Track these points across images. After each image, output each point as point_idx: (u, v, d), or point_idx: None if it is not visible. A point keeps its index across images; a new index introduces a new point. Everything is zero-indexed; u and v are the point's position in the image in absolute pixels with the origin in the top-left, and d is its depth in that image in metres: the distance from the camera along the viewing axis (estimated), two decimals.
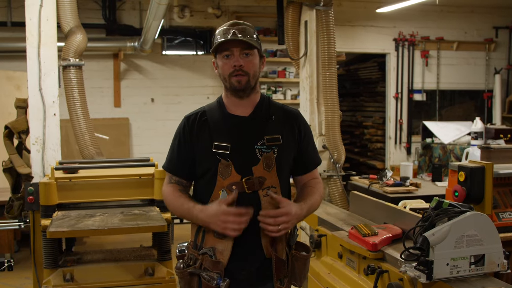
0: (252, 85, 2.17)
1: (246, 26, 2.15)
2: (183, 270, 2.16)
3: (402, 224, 2.69)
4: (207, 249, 2.13)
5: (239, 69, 2.10)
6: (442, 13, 8.66)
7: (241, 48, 2.10)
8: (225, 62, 2.12)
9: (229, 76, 2.12)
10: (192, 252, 2.19)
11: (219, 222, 2.04)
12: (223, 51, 2.12)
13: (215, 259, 2.12)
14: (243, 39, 2.09)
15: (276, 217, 2.05)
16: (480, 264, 2.13)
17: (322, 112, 4.72)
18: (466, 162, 3.31)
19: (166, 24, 7.74)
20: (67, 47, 4.82)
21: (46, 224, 3.28)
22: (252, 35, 2.13)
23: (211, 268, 2.11)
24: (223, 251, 2.12)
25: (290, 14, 4.81)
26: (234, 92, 2.16)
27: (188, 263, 2.19)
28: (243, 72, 2.11)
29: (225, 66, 2.13)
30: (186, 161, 2.21)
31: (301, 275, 2.28)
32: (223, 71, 2.14)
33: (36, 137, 4.26)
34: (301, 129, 2.28)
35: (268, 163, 2.14)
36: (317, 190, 2.30)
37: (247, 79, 2.13)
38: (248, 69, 2.12)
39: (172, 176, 2.26)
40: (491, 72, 8.98)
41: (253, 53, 2.14)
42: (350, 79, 10.29)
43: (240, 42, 2.10)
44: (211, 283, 2.08)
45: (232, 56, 2.11)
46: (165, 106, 7.92)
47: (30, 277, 4.41)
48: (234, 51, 2.10)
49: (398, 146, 8.69)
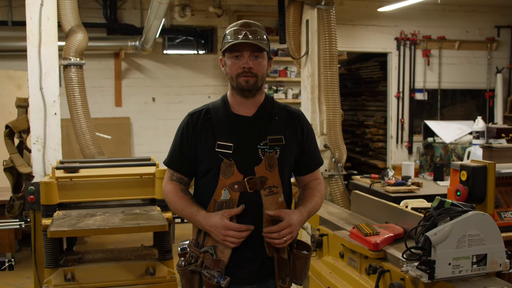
0: (259, 86, 2.18)
1: (257, 28, 2.15)
2: (184, 268, 2.18)
3: (404, 224, 2.68)
4: (208, 247, 2.14)
5: (248, 70, 2.10)
6: (443, 12, 8.65)
7: (252, 50, 2.11)
8: (234, 62, 2.12)
9: (236, 76, 2.12)
10: (193, 250, 2.20)
11: (220, 234, 2.08)
12: (233, 51, 2.12)
13: (216, 257, 2.13)
14: (255, 43, 2.09)
15: (280, 231, 2.08)
16: (482, 264, 2.12)
17: (324, 112, 4.71)
18: (468, 161, 3.31)
19: (167, 23, 7.74)
20: (67, 46, 4.81)
21: (47, 223, 3.28)
22: (263, 37, 2.14)
23: (212, 266, 2.12)
24: (224, 249, 2.13)
25: (291, 13, 4.79)
26: (241, 91, 2.16)
27: (189, 261, 2.20)
28: (251, 74, 2.11)
29: (233, 66, 2.13)
30: (188, 158, 2.21)
31: (302, 273, 2.29)
32: (231, 70, 2.14)
33: (37, 137, 4.26)
34: (304, 130, 2.28)
35: (270, 163, 2.15)
36: (318, 191, 2.32)
37: (255, 80, 2.13)
38: (257, 71, 2.13)
39: (174, 172, 2.26)
40: (492, 71, 8.96)
41: (262, 55, 2.14)
42: (351, 79, 10.28)
43: (251, 45, 2.10)
44: (211, 281, 2.09)
45: (242, 57, 2.11)
46: (166, 106, 7.92)
47: (31, 277, 4.41)
48: (244, 53, 2.10)
49: (400, 146, 8.68)
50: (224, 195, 2.12)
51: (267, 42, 2.16)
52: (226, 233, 2.06)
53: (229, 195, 2.11)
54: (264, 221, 2.14)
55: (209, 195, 2.16)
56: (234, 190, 2.12)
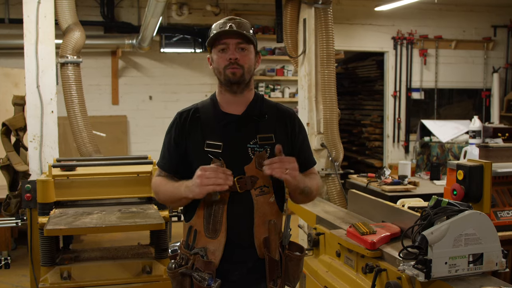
0: (247, 79, 2.14)
1: (242, 21, 2.13)
2: (174, 271, 2.14)
3: (401, 223, 2.68)
4: (198, 249, 2.11)
5: (234, 62, 2.08)
6: (440, 12, 8.66)
7: (237, 42, 2.09)
8: (220, 56, 2.10)
9: (224, 69, 2.09)
10: (183, 252, 2.17)
11: (198, 180, 1.96)
12: (218, 44, 2.10)
13: (207, 260, 2.09)
14: (240, 31, 2.07)
15: (282, 161, 1.98)
16: (479, 263, 2.12)
17: (321, 110, 4.71)
18: (464, 160, 3.31)
19: (165, 22, 7.73)
20: (65, 44, 4.80)
21: (44, 221, 3.28)
22: (249, 30, 2.12)
23: (202, 269, 2.09)
24: (214, 251, 2.10)
25: (288, 12, 4.80)
26: (229, 85, 2.12)
27: (180, 263, 2.16)
28: (238, 65, 2.08)
29: (220, 60, 2.10)
30: (178, 158, 2.18)
31: (294, 275, 2.25)
32: (218, 64, 2.11)
33: (34, 135, 4.25)
34: (295, 128, 2.24)
35: (261, 162, 2.08)
36: (314, 179, 2.26)
37: (242, 72, 2.09)
38: (243, 63, 2.09)
39: (163, 172, 2.23)
40: (489, 70, 8.98)
41: (248, 48, 2.12)
42: (348, 78, 10.28)
43: (236, 34, 2.07)
44: (202, 283, 2.05)
45: (228, 50, 2.08)
46: (163, 104, 7.91)
47: (27, 275, 4.40)
48: (230, 45, 2.08)
49: (396, 145, 8.69)
50: (214, 196, 2.06)
51: (253, 36, 2.14)
52: (203, 174, 1.95)
53: (219, 195, 2.06)
54: (256, 222, 2.11)
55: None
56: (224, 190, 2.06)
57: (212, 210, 2.09)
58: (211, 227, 2.10)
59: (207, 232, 2.10)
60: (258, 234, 2.11)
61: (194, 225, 2.14)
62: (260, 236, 2.12)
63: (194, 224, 2.14)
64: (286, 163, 1.98)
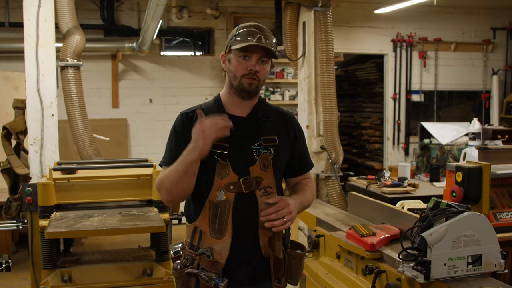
0: (259, 90, 2.19)
1: (270, 34, 2.15)
2: (180, 271, 2.16)
3: (400, 225, 2.69)
4: (204, 250, 2.13)
5: (254, 73, 2.10)
6: (440, 14, 8.68)
7: (262, 55, 2.11)
8: (241, 62, 2.11)
9: (241, 76, 2.11)
10: (188, 253, 2.18)
11: (199, 133, 1.96)
12: (243, 51, 2.11)
13: (213, 259, 2.12)
14: (269, 48, 2.10)
15: (277, 211, 2.06)
16: (478, 264, 2.13)
17: (320, 113, 4.72)
18: (463, 162, 3.32)
19: (164, 25, 7.74)
20: (65, 48, 4.82)
21: (44, 224, 3.28)
22: (274, 44, 2.15)
23: (209, 269, 2.11)
24: (220, 251, 2.12)
25: (288, 15, 4.81)
26: (240, 93, 2.15)
27: (184, 263, 2.18)
28: (256, 77, 2.11)
29: (240, 66, 2.11)
30: None
31: (297, 273, 2.30)
32: (236, 69, 2.12)
33: (34, 138, 4.26)
34: (296, 131, 2.30)
35: (265, 163, 2.15)
36: (309, 187, 2.32)
37: (257, 84, 2.13)
38: (261, 76, 2.13)
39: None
40: (488, 73, 8.99)
41: (268, 61, 2.15)
42: (348, 80, 10.29)
43: (263, 49, 2.10)
44: (209, 283, 2.07)
45: (250, 59, 2.10)
46: (163, 107, 7.91)
47: (28, 278, 4.41)
48: (254, 55, 2.10)
49: (396, 147, 8.70)
50: (219, 196, 2.11)
51: (275, 49, 2.17)
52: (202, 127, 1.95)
53: (225, 196, 2.10)
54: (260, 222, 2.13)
55: (204, 196, 2.15)
56: (229, 191, 2.11)
57: (218, 210, 2.12)
58: (216, 227, 2.12)
59: (213, 232, 2.13)
60: (262, 234, 2.15)
61: (199, 226, 2.16)
62: (264, 235, 2.16)
63: (199, 224, 2.16)
64: (281, 213, 2.06)
